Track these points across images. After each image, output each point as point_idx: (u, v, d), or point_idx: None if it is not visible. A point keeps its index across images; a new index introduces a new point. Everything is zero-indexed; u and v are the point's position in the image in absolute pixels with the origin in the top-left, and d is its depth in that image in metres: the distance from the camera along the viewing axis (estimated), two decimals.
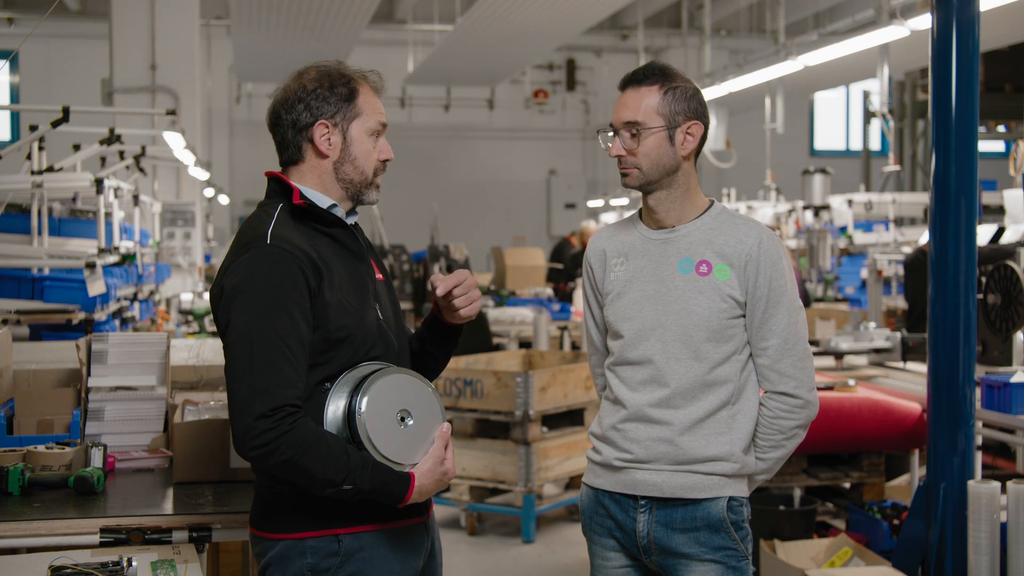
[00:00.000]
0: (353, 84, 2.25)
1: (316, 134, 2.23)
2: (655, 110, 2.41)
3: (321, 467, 2.03)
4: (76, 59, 15.97)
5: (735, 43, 17.17)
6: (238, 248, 2.16)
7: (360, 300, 2.21)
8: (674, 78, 2.44)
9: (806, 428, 2.49)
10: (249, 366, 2.04)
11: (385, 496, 2.11)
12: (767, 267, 2.41)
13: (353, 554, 2.14)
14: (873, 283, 7.82)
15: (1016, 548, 3.42)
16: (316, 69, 2.26)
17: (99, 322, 5.40)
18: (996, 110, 13.80)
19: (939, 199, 3.73)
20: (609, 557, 2.53)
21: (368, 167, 2.27)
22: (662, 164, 2.43)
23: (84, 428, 2.93)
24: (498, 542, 5.80)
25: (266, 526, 2.18)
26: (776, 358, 2.42)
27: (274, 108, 2.27)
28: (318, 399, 2.12)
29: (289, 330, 2.07)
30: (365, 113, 2.25)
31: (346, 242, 2.25)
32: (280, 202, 2.22)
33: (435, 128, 17.98)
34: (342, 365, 2.15)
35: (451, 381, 5.79)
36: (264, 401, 2.02)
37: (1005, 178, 6.84)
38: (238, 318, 2.08)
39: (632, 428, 2.45)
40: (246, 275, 2.10)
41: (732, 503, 2.43)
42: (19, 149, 5.73)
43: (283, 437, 2.01)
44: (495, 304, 9.36)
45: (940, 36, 3.71)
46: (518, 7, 10.96)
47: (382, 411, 2.12)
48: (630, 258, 2.50)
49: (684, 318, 2.41)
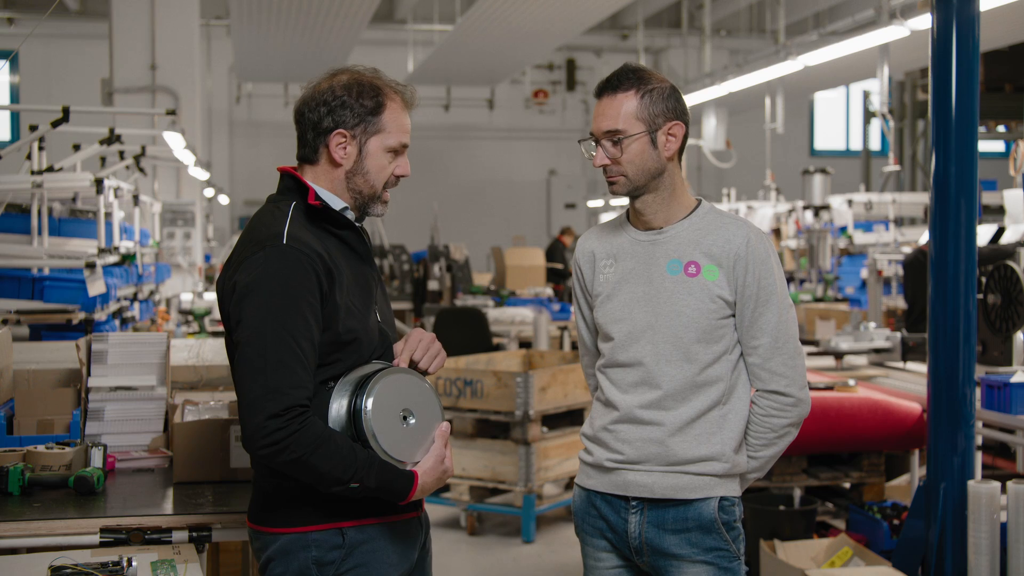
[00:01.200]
0: (382, 98, 2.23)
1: (332, 142, 2.22)
2: (634, 115, 2.39)
3: (329, 466, 2.05)
4: (76, 59, 15.97)
5: (735, 43, 17.17)
6: (252, 244, 2.15)
7: (364, 303, 2.23)
8: (649, 80, 2.41)
9: (798, 426, 2.49)
10: (262, 365, 2.05)
11: (389, 493, 2.14)
12: (755, 266, 2.40)
13: (357, 547, 2.17)
14: (873, 283, 7.82)
15: (1016, 548, 3.42)
16: (350, 74, 2.24)
17: (99, 322, 5.40)
18: (996, 110, 13.79)
19: (939, 199, 3.73)
20: (601, 558, 2.53)
21: (379, 182, 2.27)
22: (647, 168, 2.42)
23: (84, 428, 2.93)
24: (498, 542, 5.79)
25: (267, 520, 2.19)
26: (767, 356, 2.42)
27: (300, 103, 2.26)
28: (322, 396, 2.14)
29: (302, 331, 2.08)
30: (387, 131, 2.24)
31: (355, 245, 2.26)
32: (294, 200, 2.22)
33: (435, 128, 17.98)
34: (347, 366, 2.17)
35: (451, 381, 5.79)
36: (276, 400, 2.03)
37: (1005, 178, 6.84)
38: (251, 316, 2.08)
39: (623, 429, 2.45)
40: (261, 274, 2.10)
41: (723, 503, 2.43)
42: (19, 149, 5.73)
43: (293, 436, 2.03)
44: (495, 304, 9.36)
45: (940, 36, 3.71)
46: (518, 7, 10.96)
47: (386, 410, 2.14)
48: (619, 260, 2.50)
49: (674, 319, 2.41)
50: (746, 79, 11.05)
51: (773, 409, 2.44)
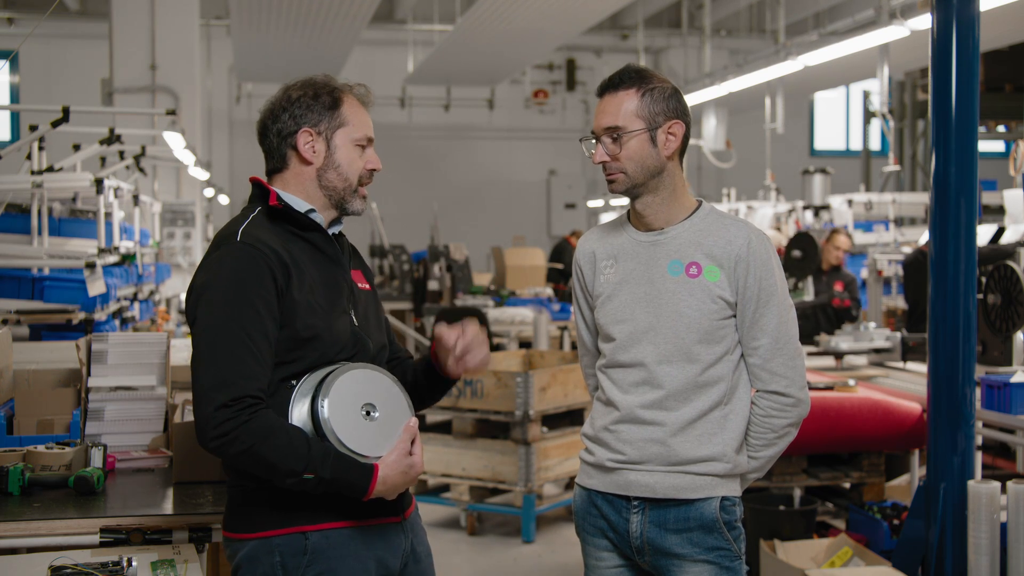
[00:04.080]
0: (337, 94, 2.28)
1: (300, 141, 2.25)
2: (634, 113, 2.41)
3: (281, 456, 2.04)
4: (76, 59, 15.97)
5: (735, 43, 17.17)
6: (211, 248, 2.21)
7: (331, 303, 2.22)
8: (651, 80, 2.43)
9: (798, 426, 2.49)
10: (211, 357, 2.07)
11: (348, 487, 2.10)
12: (757, 267, 2.41)
13: (322, 552, 2.14)
14: (873, 283, 7.83)
15: (1016, 548, 3.42)
16: (302, 81, 2.30)
17: (99, 322, 5.40)
18: (996, 110, 13.78)
19: (939, 199, 3.73)
20: (602, 557, 2.53)
21: (352, 175, 2.28)
22: (646, 166, 2.42)
23: (84, 428, 2.93)
24: (498, 542, 5.79)
25: (235, 526, 2.20)
26: (767, 357, 2.43)
27: (262, 120, 2.30)
28: (284, 396, 2.14)
29: (253, 324, 2.09)
30: (351, 124, 2.28)
31: (322, 247, 2.27)
32: (259, 205, 2.26)
33: (435, 128, 17.97)
34: (309, 365, 2.17)
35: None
36: (224, 391, 2.04)
37: (1005, 178, 6.84)
38: (203, 313, 2.11)
39: (624, 429, 2.45)
40: (214, 272, 2.14)
41: (725, 503, 2.43)
42: (19, 149, 5.73)
43: (242, 427, 2.03)
44: (495, 304, 9.37)
45: (940, 36, 3.71)
46: (518, 7, 10.95)
47: (346, 405, 2.13)
48: (620, 260, 2.50)
49: (675, 320, 2.41)
50: (746, 79, 11.04)
51: (773, 409, 2.45)
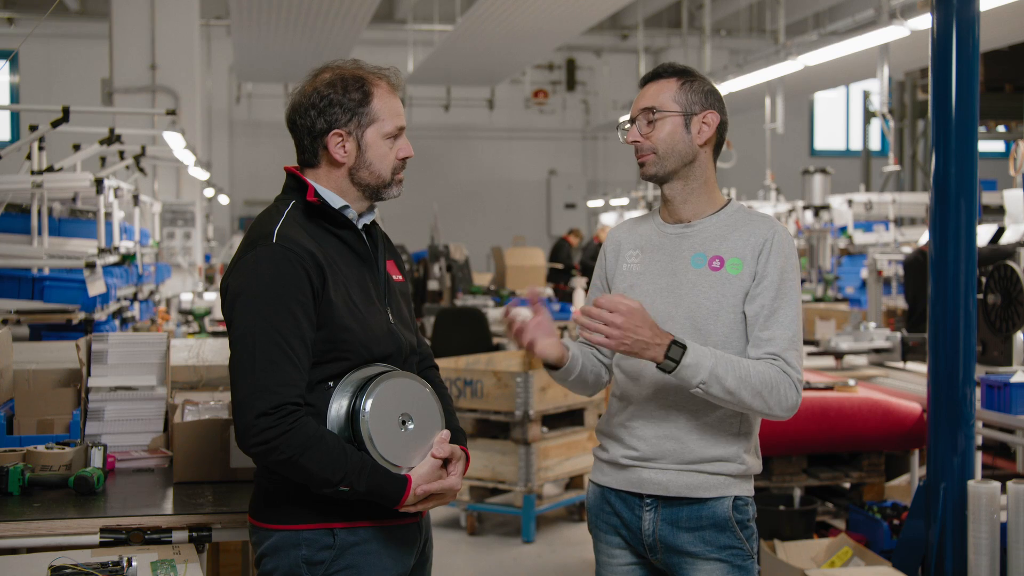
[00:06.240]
0: (367, 87, 2.23)
1: (331, 143, 2.22)
2: (672, 98, 2.44)
3: (319, 467, 2.06)
4: (76, 59, 15.98)
5: (735, 43, 17.18)
6: (246, 245, 2.18)
7: (367, 302, 2.22)
8: (692, 74, 2.48)
9: (783, 409, 2.33)
10: (251, 365, 2.07)
11: (381, 498, 2.14)
12: (778, 257, 2.38)
13: (348, 548, 2.17)
14: (873, 283, 7.82)
15: (1016, 548, 3.42)
16: (331, 71, 2.25)
17: (99, 322, 5.40)
18: (996, 110, 13.79)
19: (939, 199, 3.73)
20: (615, 555, 2.53)
21: (385, 170, 2.27)
22: (677, 150, 2.42)
23: (84, 428, 2.93)
24: (498, 542, 5.79)
25: (264, 516, 2.21)
26: (784, 347, 2.35)
27: (290, 111, 2.26)
28: (321, 396, 2.15)
29: (291, 329, 2.09)
30: (381, 118, 2.24)
31: (353, 245, 2.26)
32: (293, 199, 2.23)
33: (435, 128, 17.98)
34: (347, 365, 2.17)
35: (451, 381, 5.79)
36: (265, 399, 2.04)
37: (1005, 178, 6.84)
38: (241, 317, 2.10)
39: (639, 425, 2.44)
40: (250, 274, 2.12)
41: (738, 502, 2.42)
42: (19, 149, 5.74)
43: (283, 436, 2.04)
44: (495, 304, 9.37)
45: (940, 36, 3.71)
46: (518, 7, 10.96)
47: (385, 413, 2.14)
48: (645, 251, 2.50)
49: (694, 312, 2.39)
50: (746, 79, 11.04)
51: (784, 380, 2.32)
